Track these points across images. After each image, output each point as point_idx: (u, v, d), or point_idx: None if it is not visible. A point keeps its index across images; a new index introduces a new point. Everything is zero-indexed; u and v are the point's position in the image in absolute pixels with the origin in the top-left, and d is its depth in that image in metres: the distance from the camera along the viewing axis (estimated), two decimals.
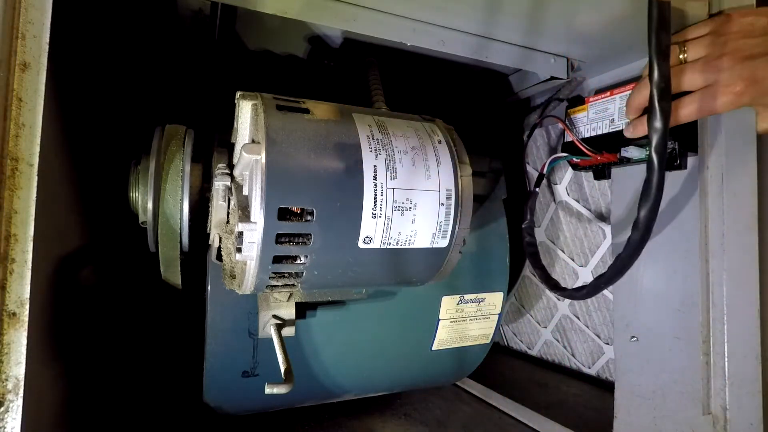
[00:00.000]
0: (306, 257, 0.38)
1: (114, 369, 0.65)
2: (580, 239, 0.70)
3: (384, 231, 0.39)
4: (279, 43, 0.56)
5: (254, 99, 0.39)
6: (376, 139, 0.40)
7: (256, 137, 0.38)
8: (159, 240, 0.45)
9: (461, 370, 0.68)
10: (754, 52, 0.40)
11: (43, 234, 0.33)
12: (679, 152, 0.47)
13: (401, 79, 0.61)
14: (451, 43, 0.51)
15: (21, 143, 0.31)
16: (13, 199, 0.31)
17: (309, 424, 0.65)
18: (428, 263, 0.44)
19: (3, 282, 0.30)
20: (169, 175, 0.44)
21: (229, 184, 0.40)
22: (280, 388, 0.38)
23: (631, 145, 0.51)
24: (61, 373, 0.42)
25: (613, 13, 0.46)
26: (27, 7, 0.31)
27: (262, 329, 0.46)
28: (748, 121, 0.46)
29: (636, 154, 0.51)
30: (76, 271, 0.48)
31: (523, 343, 0.87)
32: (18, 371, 0.31)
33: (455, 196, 0.42)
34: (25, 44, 0.31)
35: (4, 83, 0.31)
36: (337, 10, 0.45)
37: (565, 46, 0.55)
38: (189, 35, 0.53)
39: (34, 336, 0.32)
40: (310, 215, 0.37)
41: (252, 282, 0.38)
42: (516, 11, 0.47)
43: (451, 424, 0.68)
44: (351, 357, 0.57)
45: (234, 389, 0.53)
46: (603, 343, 0.70)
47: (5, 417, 0.30)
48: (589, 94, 0.59)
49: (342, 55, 0.56)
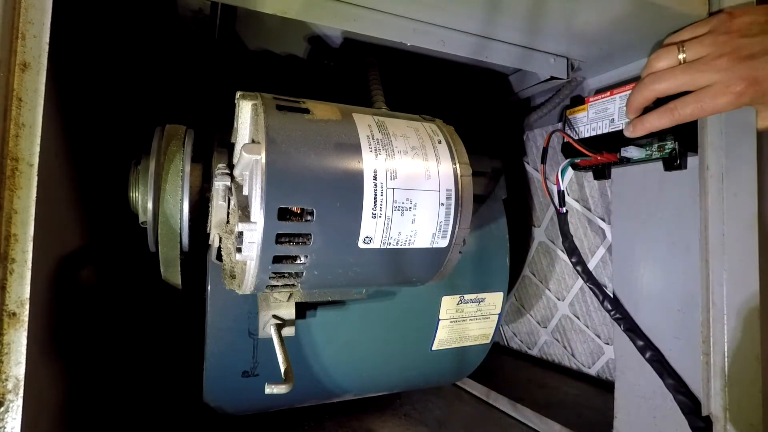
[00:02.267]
0: (306, 257, 0.38)
1: (114, 369, 0.65)
2: (580, 239, 0.70)
3: (384, 231, 0.39)
4: (279, 43, 0.56)
5: (254, 99, 0.39)
6: (376, 139, 0.40)
7: (256, 137, 0.38)
8: (159, 240, 0.45)
9: (461, 370, 0.68)
10: (753, 51, 0.40)
11: (43, 234, 0.33)
12: (679, 152, 0.47)
13: (401, 79, 0.61)
14: (451, 43, 0.51)
15: (21, 143, 0.31)
16: (13, 199, 0.31)
17: (309, 424, 0.65)
18: (428, 263, 0.44)
19: (3, 282, 0.30)
20: (169, 175, 0.44)
21: (229, 184, 0.40)
22: (280, 388, 0.39)
23: (631, 145, 0.51)
24: (61, 372, 0.42)
25: (613, 13, 0.46)
26: (27, 7, 0.31)
27: (262, 329, 0.46)
28: (749, 121, 0.46)
29: (636, 154, 0.51)
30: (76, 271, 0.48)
31: (523, 343, 0.87)
32: (18, 371, 0.31)
33: (455, 196, 0.42)
34: (25, 44, 0.31)
35: (4, 83, 0.31)
36: (337, 10, 0.45)
37: (565, 46, 0.55)
38: (189, 35, 0.53)
39: (34, 336, 0.32)
40: (310, 215, 0.37)
41: (252, 282, 0.38)
42: (516, 11, 0.47)
43: (451, 424, 0.68)
44: (351, 357, 0.57)
45: (234, 389, 0.53)
46: (603, 343, 0.70)
47: (5, 417, 0.30)
48: (589, 94, 0.59)
49: (342, 55, 0.56)
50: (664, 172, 0.49)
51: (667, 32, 0.47)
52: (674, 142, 0.47)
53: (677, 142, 0.47)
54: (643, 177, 0.53)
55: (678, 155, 0.47)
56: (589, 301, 0.72)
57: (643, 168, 0.53)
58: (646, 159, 0.51)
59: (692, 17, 0.45)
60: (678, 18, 0.45)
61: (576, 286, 0.73)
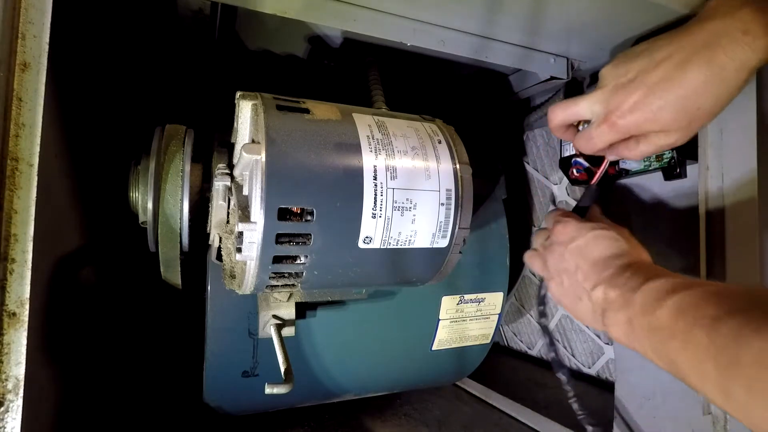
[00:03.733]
0: (306, 257, 0.38)
1: (114, 369, 0.65)
2: None
3: (384, 231, 0.39)
4: (279, 43, 0.56)
5: (254, 99, 0.39)
6: (376, 139, 0.40)
7: (256, 137, 0.38)
8: (159, 240, 0.45)
9: (461, 370, 0.68)
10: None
11: (43, 234, 0.33)
12: (679, 161, 0.47)
13: (401, 79, 0.61)
14: (451, 43, 0.51)
15: (21, 143, 0.31)
16: (13, 199, 0.31)
17: (309, 424, 0.65)
18: (428, 263, 0.44)
19: (3, 282, 0.30)
20: (169, 175, 0.44)
21: (229, 184, 0.40)
22: (280, 388, 0.39)
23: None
24: (61, 373, 0.41)
25: (613, 13, 0.46)
26: (27, 7, 0.31)
27: (262, 329, 0.46)
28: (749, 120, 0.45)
29: (635, 166, 0.50)
30: (76, 271, 0.48)
31: (523, 343, 0.87)
32: (18, 371, 0.31)
33: (455, 196, 0.42)
34: (25, 44, 0.31)
35: (4, 83, 0.31)
36: (337, 10, 0.45)
37: (565, 46, 0.55)
38: (189, 35, 0.53)
39: (33, 336, 0.32)
40: (310, 215, 0.37)
41: (252, 282, 0.38)
42: (516, 11, 0.47)
43: (451, 424, 0.68)
44: (351, 357, 0.57)
45: (234, 389, 0.53)
46: (603, 343, 0.70)
47: (5, 417, 0.30)
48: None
49: (342, 55, 0.56)
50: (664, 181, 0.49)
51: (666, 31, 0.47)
52: (672, 151, 0.47)
53: (675, 150, 0.47)
54: (642, 189, 0.53)
55: (677, 164, 0.47)
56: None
57: (641, 180, 0.52)
58: (644, 170, 0.50)
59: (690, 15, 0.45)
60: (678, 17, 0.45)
61: None
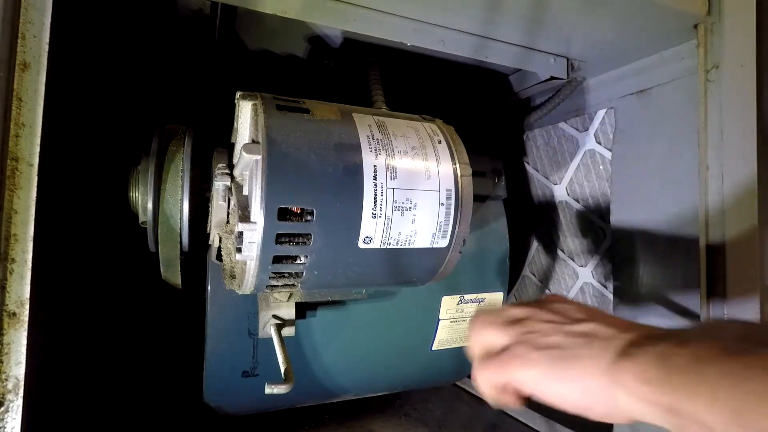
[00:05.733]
0: (306, 257, 0.38)
1: (114, 369, 0.65)
2: (580, 239, 0.70)
3: (384, 231, 0.39)
4: (279, 43, 0.56)
5: (254, 99, 0.39)
6: (376, 139, 0.40)
7: (256, 137, 0.38)
8: (159, 240, 0.45)
9: (461, 370, 0.68)
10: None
11: (43, 234, 0.33)
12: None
13: (401, 79, 0.61)
14: (451, 43, 0.51)
15: (21, 143, 0.31)
16: (13, 199, 0.31)
17: (309, 424, 0.65)
18: (428, 263, 0.44)
19: (3, 282, 0.30)
20: (169, 175, 0.44)
21: (229, 184, 0.40)
22: (280, 388, 0.39)
23: None
24: (61, 373, 0.42)
25: (613, 14, 0.46)
26: (27, 7, 0.31)
27: (262, 329, 0.46)
28: (749, 120, 0.46)
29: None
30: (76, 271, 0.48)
31: None
32: (18, 371, 0.31)
33: (455, 196, 0.42)
34: (25, 44, 0.31)
35: (4, 83, 0.31)
36: (337, 10, 0.45)
37: (565, 46, 0.55)
38: (189, 35, 0.53)
39: (34, 336, 0.32)
40: (310, 215, 0.37)
41: (252, 282, 0.38)
42: (516, 11, 0.47)
43: (451, 424, 0.68)
44: (351, 357, 0.57)
45: (234, 389, 0.53)
46: None
47: (5, 417, 0.30)
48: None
49: (342, 55, 0.56)
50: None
51: (667, 32, 0.47)
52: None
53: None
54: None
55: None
56: (589, 301, 0.72)
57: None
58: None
59: (693, 17, 0.45)
60: (678, 18, 0.45)
61: (576, 286, 0.73)
